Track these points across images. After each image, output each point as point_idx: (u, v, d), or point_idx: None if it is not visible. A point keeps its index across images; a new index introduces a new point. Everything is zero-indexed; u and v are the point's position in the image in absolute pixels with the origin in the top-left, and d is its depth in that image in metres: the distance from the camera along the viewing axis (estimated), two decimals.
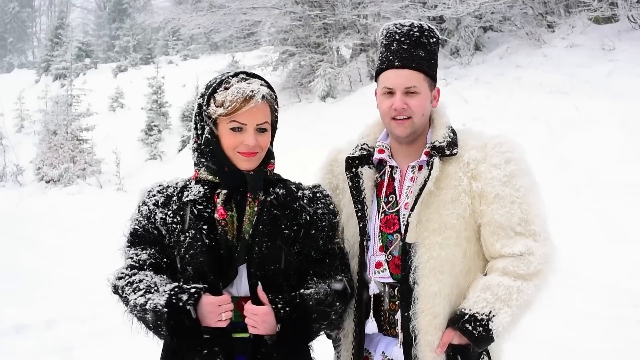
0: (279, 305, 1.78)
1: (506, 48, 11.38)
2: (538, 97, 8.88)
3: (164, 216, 1.87)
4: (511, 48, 11.26)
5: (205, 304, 1.73)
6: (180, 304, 1.71)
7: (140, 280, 1.80)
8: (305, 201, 1.93)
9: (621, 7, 10.39)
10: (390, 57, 1.98)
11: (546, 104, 8.58)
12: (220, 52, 23.43)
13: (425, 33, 2.00)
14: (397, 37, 1.99)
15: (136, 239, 1.89)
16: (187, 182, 1.93)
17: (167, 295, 1.73)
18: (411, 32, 1.98)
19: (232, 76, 1.89)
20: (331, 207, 1.99)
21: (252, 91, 1.82)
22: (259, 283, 1.80)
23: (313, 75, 13.31)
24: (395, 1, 12.23)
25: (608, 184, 6.61)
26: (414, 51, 1.96)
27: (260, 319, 1.76)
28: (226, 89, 1.85)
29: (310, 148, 8.84)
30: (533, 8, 11.64)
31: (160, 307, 1.72)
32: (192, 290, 1.74)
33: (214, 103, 1.86)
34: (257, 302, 1.79)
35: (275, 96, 1.94)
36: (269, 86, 1.92)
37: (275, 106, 1.93)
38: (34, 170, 14.61)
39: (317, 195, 1.97)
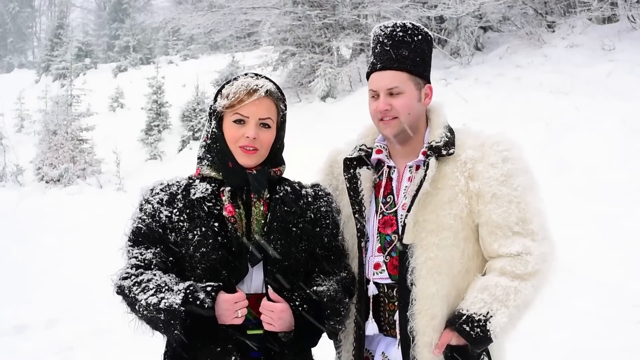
0: (297, 303, 1.79)
1: (506, 48, 11.37)
2: (538, 97, 8.86)
3: (169, 214, 1.86)
4: (511, 48, 11.26)
5: (222, 302, 1.73)
6: (198, 302, 1.70)
7: (149, 280, 1.78)
8: (309, 199, 1.96)
9: (621, 7, 10.39)
10: (374, 60, 1.99)
11: (546, 104, 8.56)
12: (220, 52, 23.41)
13: (409, 32, 1.98)
14: (380, 39, 1.99)
15: (139, 238, 1.86)
16: (191, 180, 1.93)
17: (182, 294, 1.71)
18: (394, 33, 1.98)
19: (242, 75, 1.93)
20: (333, 205, 2.01)
21: (257, 85, 1.86)
22: (271, 283, 1.81)
23: (313, 75, 13.31)
24: (395, 1, 12.23)
25: (608, 184, 6.60)
26: (397, 51, 1.95)
27: (277, 316, 1.77)
28: (233, 84, 1.90)
29: (310, 148, 8.83)
30: (534, 8, 11.64)
31: (177, 306, 1.70)
32: (209, 289, 1.73)
33: (220, 97, 1.90)
34: (271, 299, 1.80)
35: (283, 98, 1.95)
36: (278, 88, 1.95)
37: (282, 106, 1.94)
38: (34, 170, 14.59)
39: (319, 193, 1.99)
